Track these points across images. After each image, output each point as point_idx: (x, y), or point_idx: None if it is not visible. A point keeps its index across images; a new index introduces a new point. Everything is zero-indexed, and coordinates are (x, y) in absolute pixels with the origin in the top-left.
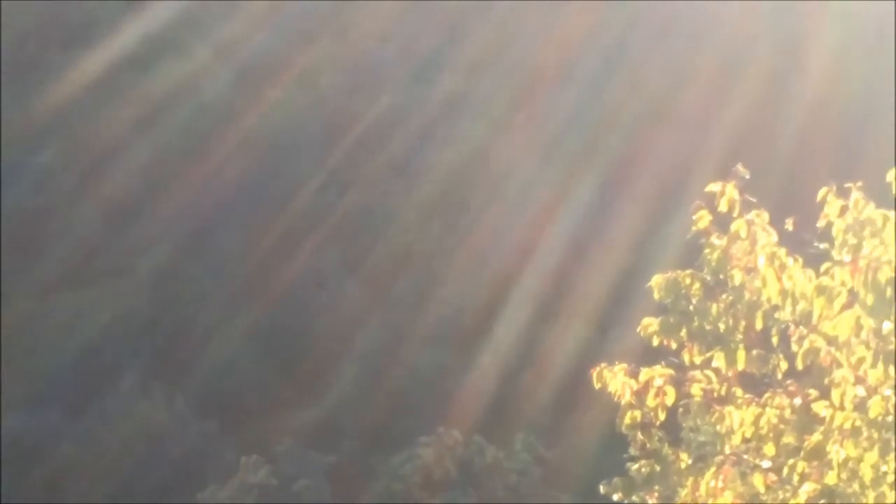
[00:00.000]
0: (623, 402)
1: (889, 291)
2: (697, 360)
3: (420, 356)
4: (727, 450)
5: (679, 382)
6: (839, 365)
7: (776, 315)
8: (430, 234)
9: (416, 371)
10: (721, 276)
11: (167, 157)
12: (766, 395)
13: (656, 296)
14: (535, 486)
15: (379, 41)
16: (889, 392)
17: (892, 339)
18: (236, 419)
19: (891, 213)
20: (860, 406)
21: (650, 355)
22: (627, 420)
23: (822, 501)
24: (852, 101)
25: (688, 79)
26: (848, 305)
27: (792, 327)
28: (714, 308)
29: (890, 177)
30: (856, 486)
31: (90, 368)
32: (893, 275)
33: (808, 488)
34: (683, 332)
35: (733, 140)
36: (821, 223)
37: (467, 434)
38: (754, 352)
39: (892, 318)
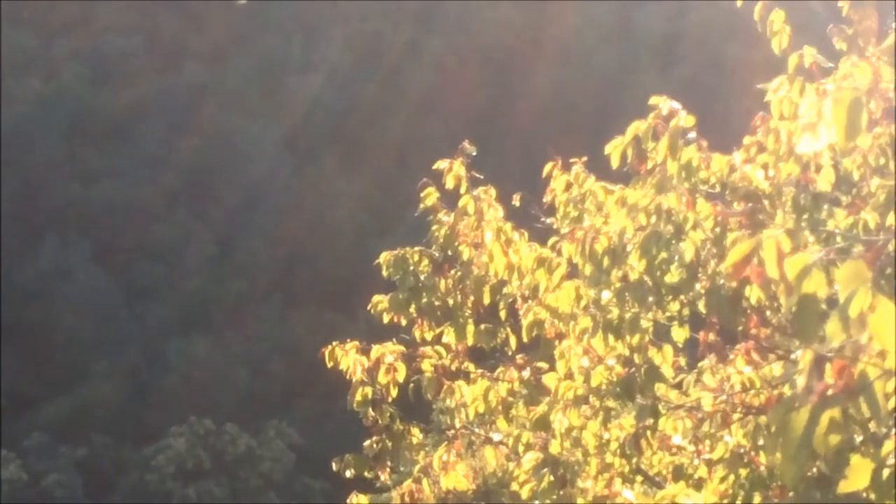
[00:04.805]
0: (354, 380)
1: (606, 261)
2: (428, 335)
3: (170, 346)
4: (457, 424)
5: (411, 358)
6: (564, 336)
7: (504, 290)
8: (178, 223)
9: (165, 361)
10: (449, 252)
11: None
12: (499, 369)
13: (385, 273)
14: (288, 472)
15: (123, 32)
16: (612, 361)
17: (612, 308)
18: None
19: (612, 186)
20: (587, 376)
21: (393, 334)
22: (359, 397)
23: (545, 470)
24: (588, 84)
25: (429, 66)
26: (570, 277)
27: (520, 301)
28: (442, 284)
29: (608, 149)
30: (579, 455)
31: None
32: (609, 244)
33: (530, 457)
34: (413, 309)
35: (468, 121)
36: (547, 198)
37: (220, 423)
38: (483, 326)
39: (611, 287)
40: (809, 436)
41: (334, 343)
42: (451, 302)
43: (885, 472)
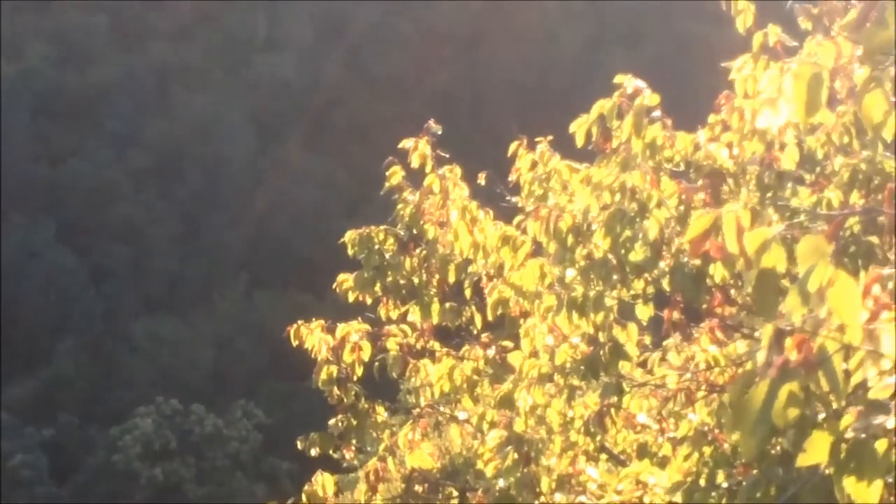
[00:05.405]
0: (319, 359)
1: (570, 239)
2: (393, 314)
3: (136, 326)
4: (423, 402)
5: (376, 337)
6: (529, 315)
7: (469, 268)
8: (144, 203)
9: (132, 341)
10: (414, 231)
11: None
12: (465, 347)
13: (350, 251)
14: (255, 452)
15: (88, 10)
16: (577, 340)
17: (576, 286)
18: None
19: (577, 165)
20: (551, 354)
21: (359, 313)
22: (324, 376)
23: (509, 448)
24: (555, 63)
25: (395, 44)
26: (534, 255)
27: (485, 279)
28: (408, 262)
29: (573, 128)
30: (543, 433)
31: None
32: (574, 222)
33: (495, 435)
34: (378, 287)
35: (434, 100)
36: (512, 177)
37: (186, 403)
38: (448, 305)
39: (576, 265)
40: (768, 409)
41: (299, 322)
42: (416, 280)
43: (843, 447)
